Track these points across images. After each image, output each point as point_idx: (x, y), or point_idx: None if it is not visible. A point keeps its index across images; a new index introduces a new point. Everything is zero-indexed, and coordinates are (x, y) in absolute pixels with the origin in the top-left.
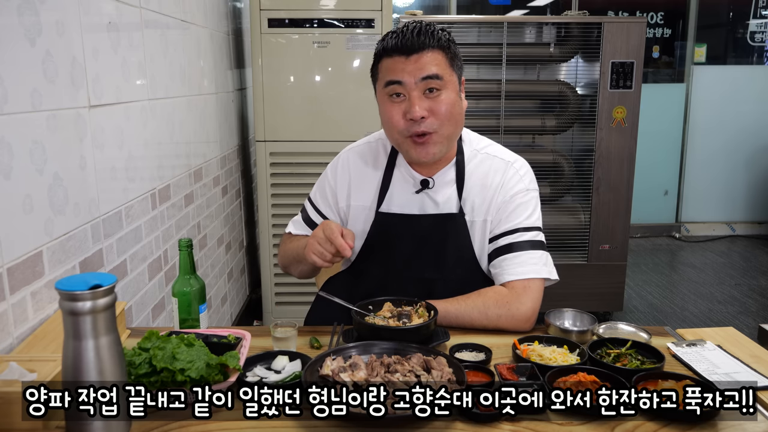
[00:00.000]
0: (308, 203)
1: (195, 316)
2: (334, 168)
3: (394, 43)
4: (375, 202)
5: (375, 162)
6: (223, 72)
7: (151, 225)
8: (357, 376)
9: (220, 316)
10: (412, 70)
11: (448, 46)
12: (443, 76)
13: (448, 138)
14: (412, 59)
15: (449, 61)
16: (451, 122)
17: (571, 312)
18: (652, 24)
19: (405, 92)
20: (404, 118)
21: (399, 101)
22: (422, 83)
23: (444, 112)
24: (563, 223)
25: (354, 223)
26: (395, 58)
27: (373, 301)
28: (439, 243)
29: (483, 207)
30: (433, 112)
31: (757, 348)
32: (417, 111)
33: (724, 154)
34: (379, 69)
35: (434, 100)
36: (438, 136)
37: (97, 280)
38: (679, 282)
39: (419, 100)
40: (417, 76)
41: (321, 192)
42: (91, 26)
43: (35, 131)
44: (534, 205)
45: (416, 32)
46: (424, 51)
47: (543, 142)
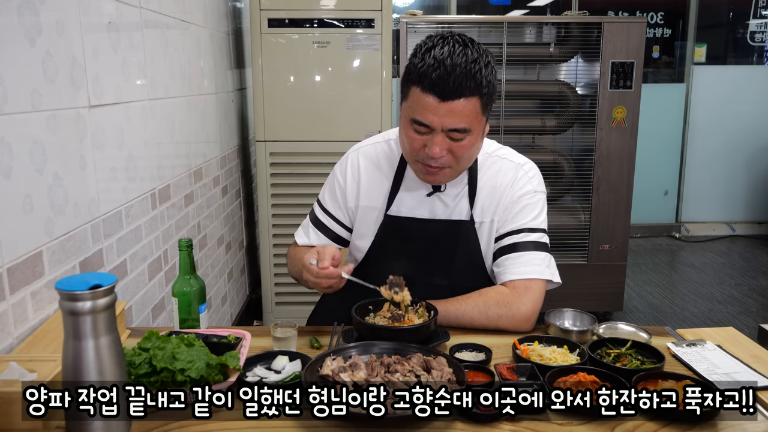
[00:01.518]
0: (317, 205)
1: (195, 316)
2: (342, 168)
3: (432, 81)
4: (384, 203)
5: (385, 163)
6: (223, 72)
7: (151, 225)
8: (357, 376)
9: (220, 316)
10: (443, 115)
11: (488, 92)
12: (472, 127)
13: (460, 172)
14: (446, 105)
15: (482, 108)
16: (467, 162)
17: (571, 312)
18: (652, 24)
19: (429, 131)
20: (422, 148)
21: (422, 131)
22: (450, 132)
23: (463, 156)
24: (563, 223)
25: (362, 224)
26: (429, 97)
27: (373, 301)
28: (449, 249)
29: (491, 208)
30: (452, 153)
31: (757, 348)
32: (437, 152)
33: (724, 154)
34: (410, 94)
35: (457, 144)
36: (451, 171)
37: (97, 280)
38: (679, 282)
39: (442, 143)
40: (446, 125)
41: (330, 193)
42: (91, 26)
43: (35, 131)
44: (541, 207)
45: (459, 75)
46: (461, 99)
47: (543, 142)
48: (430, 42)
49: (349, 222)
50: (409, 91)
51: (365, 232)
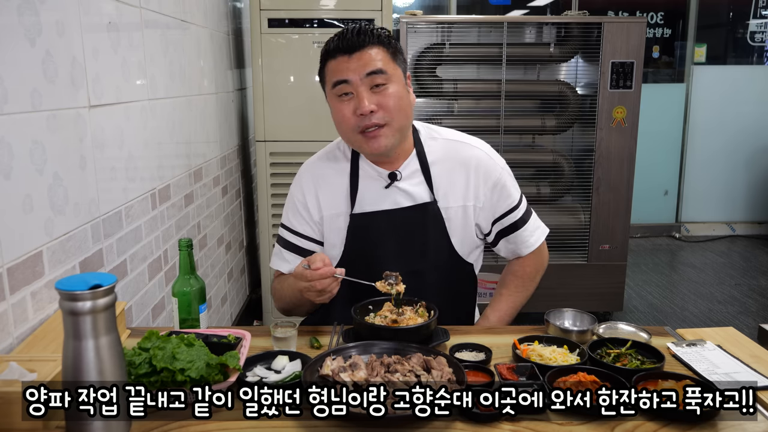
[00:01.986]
0: (283, 230)
1: (195, 316)
2: (298, 184)
3: (336, 44)
4: (347, 205)
5: (337, 167)
6: (223, 72)
7: (151, 225)
8: (357, 376)
9: (220, 316)
10: (356, 67)
11: (389, 42)
12: (387, 70)
13: (399, 130)
14: (355, 57)
15: (391, 56)
16: (401, 114)
17: (571, 312)
18: (652, 24)
19: (353, 90)
20: (354, 115)
21: (348, 99)
22: (368, 79)
23: (392, 104)
24: (563, 223)
25: (331, 233)
26: (339, 59)
27: (373, 301)
28: (420, 233)
29: (459, 193)
30: (381, 105)
31: (757, 348)
32: (366, 105)
33: (724, 154)
34: (326, 72)
35: (381, 94)
36: (388, 129)
37: (97, 280)
38: (679, 282)
39: (367, 95)
40: (361, 72)
41: (293, 212)
42: (91, 26)
43: (35, 131)
44: (512, 179)
45: (356, 32)
46: (365, 48)
47: (543, 142)
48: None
49: (319, 235)
50: (324, 70)
51: (336, 239)
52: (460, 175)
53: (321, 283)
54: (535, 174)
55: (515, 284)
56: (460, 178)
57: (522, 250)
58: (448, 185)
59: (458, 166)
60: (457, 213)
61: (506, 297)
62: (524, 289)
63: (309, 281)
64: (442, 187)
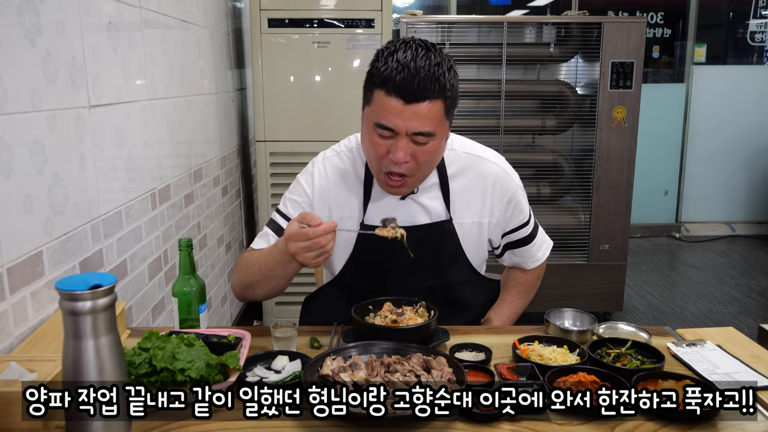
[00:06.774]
0: (277, 215)
1: (195, 316)
2: (309, 180)
3: (397, 83)
4: (359, 213)
5: (353, 172)
6: (223, 72)
7: (151, 225)
8: (357, 376)
9: (220, 316)
10: (407, 118)
11: (451, 95)
12: (435, 131)
13: (422, 179)
14: (410, 108)
15: (446, 111)
16: (430, 168)
17: (571, 312)
18: (652, 24)
19: (394, 135)
20: (386, 153)
21: (386, 136)
22: (413, 135)
23: (426, 161)
24: (563, 223)
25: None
26: (393, 100)
27: (373, 301)
28: (434, 251)
29: (475, 209)
30: (415, 158)
31: (757, 348)
32: (401, 157)
33: (724, 154)
34: (374, 99)
35: (420, 148)
36: (412, 180)
37: (97, 280)
38: (679, 282)
39: (406, 147)
40: (410, 128)
41: (293, 204)
42: (91, 26)
43: (35, 131)
44: (524, 195)
45: (424, 77)
46: (425, 101)
47: (543, 142)
48: (393, 46)
49: None
50: (373, 95)
51: (341, 243)
52: (477, 191)
53: (325, 238)
54: (535, 174)
55: (518, 290)
56: (477, 195)
57: (528, 264)
58: (465, 201)
59: (476, 183)
60: (471, 229)
61: (509, 303)
62: (526, 295)
63: (310, 239)
64: (459, 203)
